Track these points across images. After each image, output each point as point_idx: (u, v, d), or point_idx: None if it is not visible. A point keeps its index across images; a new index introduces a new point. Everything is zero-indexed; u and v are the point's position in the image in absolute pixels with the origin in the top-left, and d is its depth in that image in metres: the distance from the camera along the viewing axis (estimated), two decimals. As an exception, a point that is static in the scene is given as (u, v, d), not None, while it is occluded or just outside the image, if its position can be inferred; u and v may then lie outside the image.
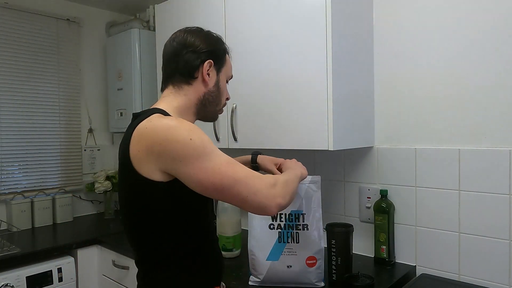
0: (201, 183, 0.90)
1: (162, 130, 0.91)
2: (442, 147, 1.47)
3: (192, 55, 1.05)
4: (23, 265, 1.78)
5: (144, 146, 0.92)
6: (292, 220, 1.34)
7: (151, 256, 1.01)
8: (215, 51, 1.09)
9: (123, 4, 2.60)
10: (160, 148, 0.90)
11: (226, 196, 0.93)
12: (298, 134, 1.47)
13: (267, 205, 0.94)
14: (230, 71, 1.18)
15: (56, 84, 2.42)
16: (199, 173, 0.89)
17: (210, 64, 1.07)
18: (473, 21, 1.39)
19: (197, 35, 1.08)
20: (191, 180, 0.91)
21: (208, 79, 1.08)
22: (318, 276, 1.34)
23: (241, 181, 0.92)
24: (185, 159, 0.89)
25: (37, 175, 2.35)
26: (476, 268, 1.39)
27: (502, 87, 1.34)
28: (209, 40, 1.09)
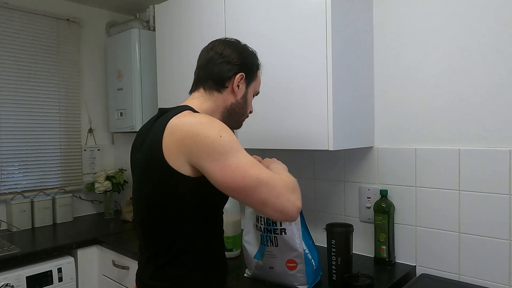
0: (224, 180, 0.92)
1: (194, 125, 0.95)
2: (442, 147, 1.47)
3: (226, 65, 1.11)
4: (23, 265, 1.78)
5: (176, 138, 0.95)
6: (269, 224, 1.32)
7: (167, 251, 1.03)
8: (248, 65, 1.15)
9: (123, 4, 2.60)
10: (191, 141, 0.93)
11: (247, 196, 0.92)
12: (298, 134, 1.47)
13: (290, 209, 0.93)
14: (258, 86, 1.23)
15: (56, 84, 2.42)
16: (223, 170, 0.91)
17: (241, 77, 1.12)
18: (473, 21, 1.39)
19: (234, 48, 1.14)
20: (215, 177, 0.92)
21: (238, 90, 1.13)
22: (300, 279, 1.31)
23: (264, 182, 0.91)
24: (212, 155, 0.92)
25: (37, 175, 2.35)
26: (476, 268, 1.39)
27: (502, 87, 1.34)
28: (244, 54, 1.15)
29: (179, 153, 0.95)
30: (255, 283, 1.40)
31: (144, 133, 1.11)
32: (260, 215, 1.36)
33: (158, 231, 1.03)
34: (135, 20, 2.43)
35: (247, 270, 1.46)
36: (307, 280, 1.32)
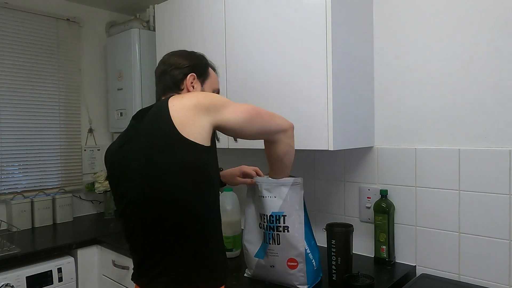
0: (243, 112, 1.11)
1: (195, 94, 1.10)
2: (442, 147, 1.47)
3: (176, 71, 1.21)
4: (23, 265, 1.78)
5: (191, 107, 1.03)
6: (272, 221, 1.32)
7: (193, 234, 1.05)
8: (197, 65, 1.24)
9: (123, 4, 2.60)
10: (204, 103, 1.05)
11: (264, 115, 1.16)
12: (298, 134, 1.46)
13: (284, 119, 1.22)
14: (215, 84, 1.31)
15: (56, 84, 2.42)
16: (238, 107, 1.11)
17: (193, 77, 1.21)
18: (473, 21, 1.39)
19: (180, 55, 1.24)
20: (236, 115, 1.09)
21: (193, 90, 1.21)
22: (300, 279, 1.31)
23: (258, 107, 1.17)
24: (224, 104, 1.09)
25: (37, 175, 2.35)
26: (476, 268, 1.39)
27: (502, 87, 1.34)
28: (191, 57, 1.25)
29: (200, 118, 1.03)
30: (255, 283, 1.40)
31: (127, 136, 1.13)
32: (264, 213, 1.34)
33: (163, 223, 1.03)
34: (135, 20, 2.43)
35: (247, 270, 1.45)
36: (307, 280, 1.31)
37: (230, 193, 1.72)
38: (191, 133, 1.01)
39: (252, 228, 1.40)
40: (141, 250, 1.10)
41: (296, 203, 1.32)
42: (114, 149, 1.18)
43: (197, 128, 1.02)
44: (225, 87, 1.72)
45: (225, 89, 1.72)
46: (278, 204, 1.32)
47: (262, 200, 1.35)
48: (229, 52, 1.71)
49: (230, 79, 1.71)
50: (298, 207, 1.32)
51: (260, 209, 1.36)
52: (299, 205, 1.32)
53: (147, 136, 1.05)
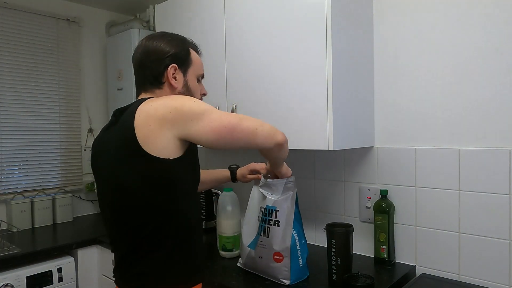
0: (214, 130, 1.00)
1: (169, 101, 1.01)
2: (442, 147, 1.47)
3: (155, 62, 1.11)
4: (23, 265, 1.78)
5: (155, 120, 0.97)
6: (266, 214, 1.38)
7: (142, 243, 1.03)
8: (177, 54, 1.13)
9: (123, 4, 2.60)
10: (172, 115, 0.98)
11: (239, 134, 1.02)
12: (298, 134, 1.47)
13: (275, 132, 1.10)
14: (199, 69, 1.20)
15: (56, 84, 2.42)
16: (211, 123, 1.00)
17: (174, 68, 1.12)
18: (473, 21, 1.39)
19: (159, 41, 1.12)
20: (205, 132, 0.99)
21: (175, 82, 1.13)
22: (284, 273, 1.35)
23: (244, 117, 1.05)
24: (196, 117, 0.99)
25: (37, 175, 2.35)
26: (476, 268, 1.39)
27: (502, 87, 1.34)
28: (171, 44, 1.13)
29: (163, 132, 0.97)
30: (252, 276, 1.43)
31: (104, 138, 1.13)
32: (262, 205, 1.40)
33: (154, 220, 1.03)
34: (135, 20, 2.43)
35: (240, 260, 1.50)
36: (290, 275, 1.35)
37: (230, 193, 1.72)
38: (154, 147, 0.97)
39: (250, 220, 1.46)
40: (116, 250, 1.11)
41: (288, 200, 1.36)
42: (95, 145, 1.18)
43: (161, 142, 0.97)
44: (225, 86, 1.72)
45: (225, 88, 1.72)
46: (273, 198, 1.37)
47: (262, 195, 1.42)
48: (229, 52, 1.71)
49: (230, 79, 1.71)
50: (290, 204, 1.36)
51: (261, 202, 1.42)
52: (291, 202, 1.36)
53: (114, 144, 1.05)
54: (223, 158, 2.23)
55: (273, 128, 1.10)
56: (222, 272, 1.50)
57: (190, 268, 1.08)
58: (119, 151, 1.03)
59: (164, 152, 0.98)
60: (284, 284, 1.35)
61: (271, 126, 1.10)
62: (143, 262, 1.04)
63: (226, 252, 1.65)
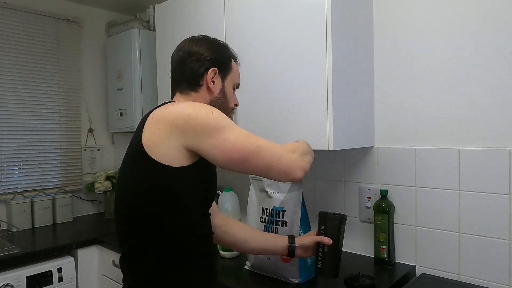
0: (226, 153, 0.92)
1: (184, 107, 0.95)
2: (442, 147, 1.47)
3: (196, 63, 1.08)
4: (23, 265, 1.77)
5: (166, 124, 0.93)
6: (273, 215, 1.38)
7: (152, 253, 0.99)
8: (219, 58, 1.11)
9: (123, 4, 2.60)
10: (183, 122, 0.92)
11: (250, 165, 0.95)
12: (298, 134, 1.46)
13: (293, 169, 1.00)
14: (237, 78, 1.18)
15: (56, 84, 2.42)
16: (224, 143, 0.92)
17: (214, 72, 1.10)
18: (473, 21, 1.39)
19: (202, 44, 1.11)
20: (216, 152, 0.93)
21: (213, 86, 1.10)
22: (293, 273, 1.35)
23: (264, 147, 0.96)
24: (209, 131, 0.92)
25: (37, 175, 2.35)
26: (476, 268, 1.39)
27: (502, 87, 1.34)
28: (214, 48, 1.11)
29: (170, 138, 0.92)
30: (251, 276, 1.43)
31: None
32: (266, 207, 1.41)
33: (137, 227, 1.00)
34: (135, 20, 2.43)
35: (247, 262, 1.50)
36: (299, 274, 1.35)
37: (230, 193, 1.72)
38: (156, 151, 0.93)
39: (252, 222, 1.46)
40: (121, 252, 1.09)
41: (294, 200, 1.36)
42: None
43: (165, 147, 0.92)
44: (225, 87, 1.72)
45: (225, 89, 1.72)
46: (279, 199, 1.37)
47: (266, 195, 1.42)
48: (229, 52, 1.71)
49: (230, 79, 1.70)
50: (297, 204, 1.36)
51: (263, 203, 1.42)
52: (297, 202, 1.36)
53: (130, 146, 1.03)
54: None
55: (294, 161, 1.00)
56: (222, 272, 1.50)
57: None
58: (129, 153, 1.02)
59: (166, 158, 0.93)
60: (294, 283, 1.35)
61: (292, 159, 1.00)
62: (131, 271, 1.03)
63: (226, 252, 1.65)
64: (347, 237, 1.72)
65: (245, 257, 1.53)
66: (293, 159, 1.01)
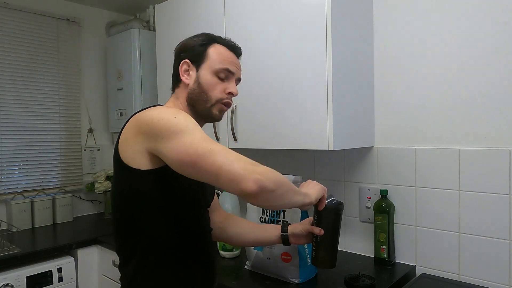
0: (178, 155, 0.87)
1: (150, 112, 0.95)
2: (442, 147, 1.47)
3: (176, 61, 1.10)
4: (23, 265, 1.77)
5: (133, 128, 0.96)
6: (274, 215, 1.39)
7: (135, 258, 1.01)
8: (190, 49, 1.08)
9: (123, 4, 2.60)
10: (146, 127, 0.93)
11: (201, 168, 0.85)
12: (298, 134, 1.47)
13: (245, 177, 0.82)
14: (217, 63, 1.06)
15: (56, 84, 2.42)
16: (178, 146, 0.87)
17: (187, 64, 1.07)
18: (473, 21, 1.39)
19: (182, 41, 1.12)
20: (171, 155, 0.89)
21: (186, 78, 1.07)
22: (293, 273, 1.36)
23: (217, 151, 0.85)
24: (167, 135, 0.89)
25: (37, 175, 2.35)
26: (476, 268, 1.39)
27: (502, 87, 1.34)
28: (188, 41, 1.11)
29: (136, 142, 0.94)
30: (251, 276, 1.43)
31: None
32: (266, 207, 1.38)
33: (123, 232, 1.03)
34: (135, 20, 2.43)
35: (247, 262, 1.50)
36: (299, 274, 1.35)
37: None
38: (127, 155, 0.96)
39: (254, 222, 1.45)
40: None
41: None
42: None
43: (132, 151, 0.95)
44: (225, 87, 1.72)
45: (225, 89, 1.72)
46: None
47: None
48: (229, 52, 1.70)
49: (230, 79, 1.70)
50: None
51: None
52: None
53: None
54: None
55: (249, 171, 0.83)
56: (222, 272, 1.50)
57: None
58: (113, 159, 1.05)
59: (135, 162, 0.94)
60: (294, 283, 1.36)
61: (246, 169, 0.83)
62: (121, 273, 1.06)
63: (226, 252, 1.65)
64: (347, 237, 1.72)
65: (245, 257, 1.53)
66: (247, 169, 0.83)
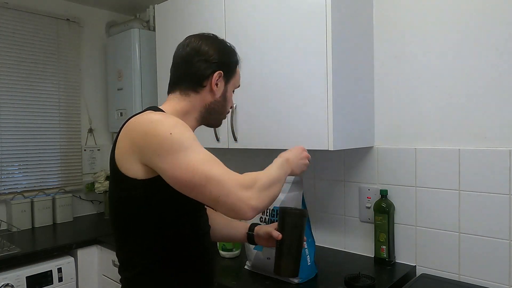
0: (175, 179, 0.88)
1: (145, 124, 0.93)
2: (442, 147, 1.47)
3: (203, 64, 1.05)
4: (23, 265, 1.77)
5: (129, 139, 0.94)
6: (274, 216, 1.39)
7: (133, 262, 1.01)
8: (227, 62, 1.08)
9: (123, 4, 2.60)
10: (141, 141, 0.91)
11: (198, 195, 0.89)
12: (298, 134, 1.47)
13: (241, 208, 0.89)
14: (238, 81, 1.16)
15: (56, 84, 2.42)
16: (173, 169, 0.88)
17: (220, 75, 1.06)
18: (473, 21, 1.39)
19: (212, 44, 1.07)
20: (166, 176, 0.89)
21: (216, 89, 1.07)
22: None
23: (213, 179, 0.87)
24: (162, 154, 0.88)
25: (37, 175, 2.35)
26: (476, 268, 1.39)
27: (502, 87, 1.34)
28: (223, 51, 1.08)
29: (131, 153, 0.93)
30: (251, 276, 1.43)
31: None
32: (272, 207, 1.41)
33: (122, 239, 1.04)
34: (135, 20, 2.43)
35: (247, 262, 1.50)
36: (300, 274, 1.34)
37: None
38: (123, 164, 0.95)
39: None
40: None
41: (295, 200, 1.36)
42: None
43: (129, 162, 0.94)
44: (225, 87, 1.72)
45: (225, 89, 1.72)
46: (280, 199, 1.37)
47: None
48: (229, 52, 1.70)
49: (230, 79, 1.70)
50: (297, 204, 1.36)
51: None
52: (298, 202, 1.36)
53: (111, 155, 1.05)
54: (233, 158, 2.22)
55: (244, 200, 0.89)
56: (222, 272, 1.50)
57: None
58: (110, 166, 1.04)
59: (132, 172, 0.93)
60: (294, 283, 1.36)
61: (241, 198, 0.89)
62: (121, 275, 1.06)
63: (226, 252, 1.65)
64: (347, 237, 1.72)
65: (245, 257, 1.53)
66: (243, 198, 0.89)
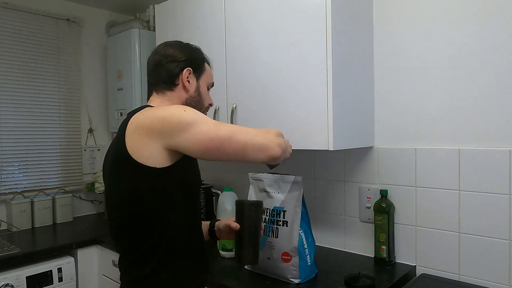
0: (201, 143, 0.97)
1: (159, 111, 1.01)
2: (442, 147, 1.47)
3: (172, 64, 1.15)
4: (23, 265, 1.77)
5: (145, 129, 0.99)
6: (274, 215, 1.40)
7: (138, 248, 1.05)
8: (193, 59, 1.19)
9: (123, 4, 2.60)
10: (160, 125, 0.98)
11: (227, 149, 0.99)
12: (298, 134, 1.46)
13: (269, 145, 1.03)
14: (210, 78, 1.26)
15: (56, 84, 2.42)
16: (198, 135, 0.97)
17: (189, 71, 1.17)
18: (473, 21, 1.39)
19: (176, 47, 1.18)
20: (192, 144, 0.98)
21: (189, 85, 1.17)
22: (293, 272, 1.36)
23: (236, 130, 1.01)
24: (183, 128, 0.97)
25: (37, 175, 2.35)
26: (476, 268, 1.39)
27: (502, 87, 1.34)
28: (187, 50, 1.19)
29: (151, 142, 0.98)
30: (251, 276, 1.42)
31: (111, 144, 1.16)
32: (266, 207, 1.42)
33: (129, 229, 1.06)
34: (135, 20, 2.43)
35: None
36: (300, 274, 1.36)
37: (230, 193, 1.72)
38: (141, 155, 0.99)
39: None
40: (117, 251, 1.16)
41: (295, 200, 1.37)
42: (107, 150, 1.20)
43: (148, 151, 0.98)
44: (225, 87, 1.72)
45: (225, 88, 1.72)
46: (280, 199, 1.39)
47: (266, 195, 1.43)
48: (229, 52, 1.71)
49: (229, 79, 1.71)
50: (297, 204, 1.37)
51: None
52: (298, 201, 1.37)
53: (111, 151, 1.10)
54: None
55: (268, 139, 1.05)
56: (222, 272, 1.50)
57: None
58: (113, 158, 1.07)
59: (151, 161, 0.98)
60: (294, 283, 1.36)
61: (266, 138, 1.05)
62: (128, 270, 1.07)
63: (226, 252, 1.65)
64: (347, 237, 1.72)
65: (245, 257, 1.53)
66: (268, 137, 1.05)
